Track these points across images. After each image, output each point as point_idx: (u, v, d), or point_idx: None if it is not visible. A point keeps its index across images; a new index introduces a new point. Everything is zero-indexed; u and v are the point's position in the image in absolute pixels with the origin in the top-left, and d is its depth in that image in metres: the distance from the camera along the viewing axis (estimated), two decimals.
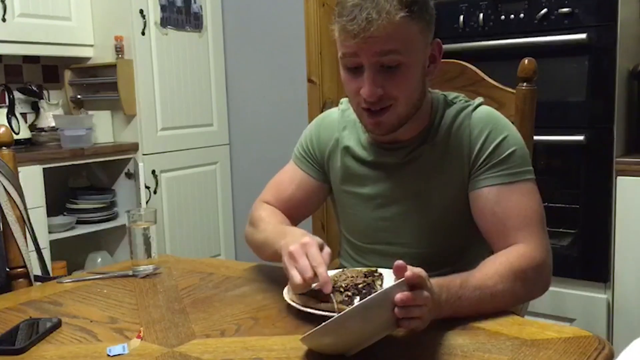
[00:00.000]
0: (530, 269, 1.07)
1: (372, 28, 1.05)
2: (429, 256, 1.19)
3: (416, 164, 1.21)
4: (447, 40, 2.35)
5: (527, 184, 1.15)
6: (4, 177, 1.44)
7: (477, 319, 0.97)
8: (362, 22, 1.05)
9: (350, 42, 1.08)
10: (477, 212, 1.17)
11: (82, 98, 3.19)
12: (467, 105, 1.22)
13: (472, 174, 1.17)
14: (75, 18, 2.99)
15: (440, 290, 0.94)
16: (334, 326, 0.80)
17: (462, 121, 1.20)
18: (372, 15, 1.05)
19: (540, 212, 1.15)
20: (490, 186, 1.15)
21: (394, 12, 1.06)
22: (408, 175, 1.22)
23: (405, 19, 1.07)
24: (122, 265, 1.41)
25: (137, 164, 3.01)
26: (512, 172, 1.14)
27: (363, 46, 1.08)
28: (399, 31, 1.07)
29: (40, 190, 2.59)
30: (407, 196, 1.22)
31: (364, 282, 1.04)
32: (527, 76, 1.42)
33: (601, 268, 2.14)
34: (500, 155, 1.15)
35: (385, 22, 1.05)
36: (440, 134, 1.20)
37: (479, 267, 1.05)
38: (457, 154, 1.18)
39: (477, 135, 1.17)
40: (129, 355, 0.90)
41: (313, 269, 0.96)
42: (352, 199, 1.30)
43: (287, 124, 3.19)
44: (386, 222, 1.26)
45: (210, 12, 3.38)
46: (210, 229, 3.39)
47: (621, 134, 2.14)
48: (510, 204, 1.13)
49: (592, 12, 2.08)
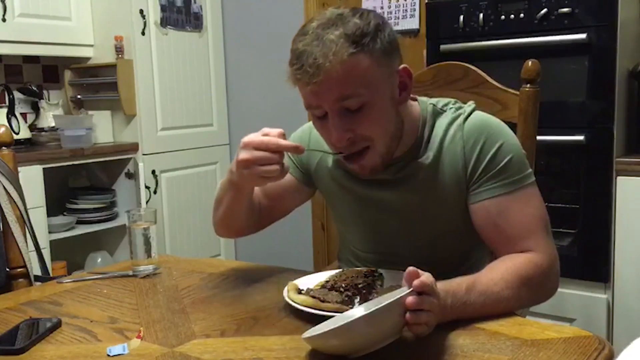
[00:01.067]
0: (536, 276, 1.05)
1: (321, 73, 0.99)
2: (431, 265, 1.17)
3: (409, 179, 1.16)
4: (447, 41, 2.38)
5: (527, 189, 1.11)
6: (4, 177, 1.44)
7: (477, 319, 0.97)
8: (309, 68, 1.00)
9: (306, 90, 1.04)
10: (479, 225, 1.13)
11: (82, 98, 3.20)
12: (459, 114, 1.16)
13: (470, 186, 1.13)
14: (75, 18, 2.99)
15: (446, 295, 0.92)
16: (343, 330, 0.80)
17: (455, 133, 1.14)
18: (318, 60, 0.99)
19: (544, 217, 1.12)
20: (491, 198, 1.11)
21: (342, 51, 0.99)
22: (401, 191, 1.17)
23: (357, 55, 1.01)
24: (122, 265, 1.41)
25: (137, 164, 3.01)
26: (511, 180, 1.10)
27: (319, 93, 1.03)
28: (353, 70, 1.01)
29: (40, 190, 2.59)
30: (402, 211, 1.19)
31: (364, 282, 1.04)
32: (531, 77, 1.41)
33: (601, 268, 2.14)
34: (498, 165, 1.10)
35: (335, 64, 0.99)
36: (433, 147, 1.15)
37: (486, 271, 1.03)
38: (452, 168, 1.14)
39: (471, 147, 1.12)
40: (129, 355, 0.90)
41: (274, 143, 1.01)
42: (344, 209, 1.28)
43: (287, 124, 3.17)
44: (383, 236, 1.24)
45: (210, 12, 3.38)
46: (210, 229, 3.37)
47: (621, 134, 2.13)
48: (513, 214, 1.09)
49: (592, 12, 2.08)
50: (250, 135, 1.06)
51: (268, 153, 1.04)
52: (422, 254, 1.19)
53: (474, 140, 1.13)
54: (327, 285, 1.05)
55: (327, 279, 1.11)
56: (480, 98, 1.39)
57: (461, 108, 1.18)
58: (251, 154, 1.04)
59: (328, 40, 1.00)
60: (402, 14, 2.77)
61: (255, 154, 1.04)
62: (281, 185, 1.27)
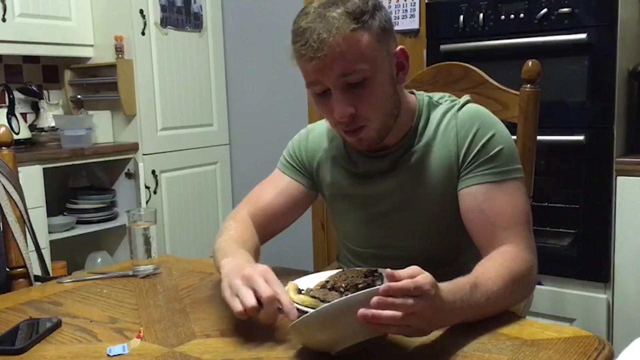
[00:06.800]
0: (526, 271, 1.06)
1: (325, 47, 1.04)
2: (426, 257, 1.17)
3: (404, 168, 1.20)
4: (447, 41, 2.39)
5: (514, 182, 1.14)
6: (4, 177, 1.44)
7: (477, 319, 0.97)
8: (314, 43, 1.04)
9: (309, 66, 1.07)
10: (465, 210, 1.16)
11: (82, 98, 3.20)
12: (453, 105, 1.21)
13: (461, 172, 1.16)
14: (75, 18, 2.99)
15: (454, 297, 0.90)
16: (316, 316, 0.81)
17: (449, 122, 1.18)
18: (322, 35, 1.04)
19: (528, 212, 1.14)
20: (478, 184, 1.14)
21: (344, 26, 1.04)
22: (397, 181, 1.21)
23: (358, 31, 1.06)
24: (122, 265, 1.41)
25: (137, 164, 3.01)
26: (500, 170, 1.13)
27: (322, 69, 1.06)
28: (355, 45, 1.06)
29: (40, 190, 2.59)
30: (398, 201, 1.21)
31: (364, 282, 1.04)
32: (531, 78, 1.42)
33: (601, 268, 2.14)
34: (488, 154, 1.14)
35: (338, 38, 1.04)
36: (427, 136, 1.19)
37: (481, 269, 1.03)
38: (446, 155, 1.17)
39: (464, 135, 1.16)
40: (129, 355, 0.90)
41: (272, 297, 0.91)
42: (344, 207, 1.30)
43: (287, 124, 3.18)
44: (380, 227, 1.25)
45: (210, 12, 3.38)
46: (210, 229, 3.39)
47: (621, 134, 2.14)
48: (499, 202, 1.12)
49: (592, 12, 2.08)
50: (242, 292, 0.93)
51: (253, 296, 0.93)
52: (416, 248, 1.22)
53: (467, 128, 1.16)
54: (327, 285, 1.05)
55: (327, 279, 1.10)
56: (480, 98, 1.40)
57: (455, 100, 1.23)
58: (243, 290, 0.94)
59: (330, 17, 1.05)
60: (402, 14, 2.77)
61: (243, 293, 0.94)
62: (289, 195, 1.30)
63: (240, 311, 0.91)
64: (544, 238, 2.21)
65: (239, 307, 0.91)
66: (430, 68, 1.61)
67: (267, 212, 1.29)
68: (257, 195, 1.32)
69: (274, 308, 0.91)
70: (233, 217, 1.28)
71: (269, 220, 1.29)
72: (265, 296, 0.90)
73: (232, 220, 1.26)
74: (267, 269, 0.97)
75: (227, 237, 1.18)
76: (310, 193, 1.34)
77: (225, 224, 1.25)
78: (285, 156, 1.35)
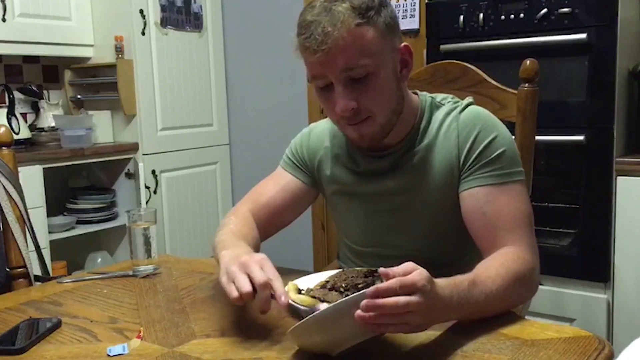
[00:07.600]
0: (527, 271, 1.06)
1: (329, 40, 1.04)
2: (426, 257, 1.17)
3: (406, 168, 1.20)
4: (447, 40, 2.39)
5: (516, 185, 1.14)
6: (4, 177, 1.44)
7: (477, 319, 0.97)
8: (319, 36, 1.05)
9: (313, 58, 1.07)
10: (466, 212, 1.15)
11: (82, 98, 3.20)
12: (455, 106, 1.21)
13: (462, 174, 1.16)
14: (75, 18, 2.99)
15: (451, 292, 0.90)
16: (318, 318, 0.80)
17: (450, 123, 1.19)
18: (327, 28, 1.04)
19: (529, 214, 1.14)
20: (480, 186, 1.14)
21: (350, 20, 1.05)
22: (398, 180, 1.21)
23: (363, 25, 1.06)
24: (122, 265, 1.41)
25: (137, 164, 3.01)
26: (502, 172, 1.13)
27: (326, 62, 1.07)
28: (359, 40, 1.06)
29: (40, 190, 2.59)
30: (398, 200, 1.22)
31: (364, 282, 1.04)
32: (529, 77, 1.41)
33: (601, 268, 2.14)
34: (490, 156, 1.14)
35: (343, 32, 1.04)
36: (429, 137, 1.19)
37: (481, 268, 1.03)
38: (447, 157, 1.17)
39: (465, 136, 1.16)
40: (129, 355, 0.90)
41: (265, 283, 0.91)
42: (344, 205, 1.30)
43: (287, 124, 3.19)
44: (380, 226, 1.25)
45: (210, 12, 3.38)
46: (210, 229, 3.39)
47: (621, 134, 2.14)
48: (501, 205, 1.12)
49: (592, 12, 2.08)
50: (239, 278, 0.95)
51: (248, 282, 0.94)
52: (416, 248, 1.21)
53: (469, 130, 1.16)
54: (327, 285, 1.04)
55: (327, 279, 1.10)
56: (478, 97, 1.39)
57: (458, 102, 1.23)
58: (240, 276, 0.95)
59: (336, 12, 1.05)
60: (402, 14, 2.77)
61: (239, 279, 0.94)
62: (290, 192, 1.31)
63: (236, 297, 0.92)
64: (544, 238, 2.21)
65: (234, 292, 0.92)
66: (428, 66, 1.60)
67: (268, 208, 1.30)
68: (259, 192, 1.33)
69: (267, 294, 0.92)
70: (234, 212, 1.29)
71: (270, 216, 1.30)
72: (258, 282, 0.91)
73: (233, 215, 1.27)
74: (264, 257, 0.98)
75: (227, 231, 1.19)
76: (311, 191, 1.34)
77: (226, 219, 1.26)
78: (287, 154, 1.36)
